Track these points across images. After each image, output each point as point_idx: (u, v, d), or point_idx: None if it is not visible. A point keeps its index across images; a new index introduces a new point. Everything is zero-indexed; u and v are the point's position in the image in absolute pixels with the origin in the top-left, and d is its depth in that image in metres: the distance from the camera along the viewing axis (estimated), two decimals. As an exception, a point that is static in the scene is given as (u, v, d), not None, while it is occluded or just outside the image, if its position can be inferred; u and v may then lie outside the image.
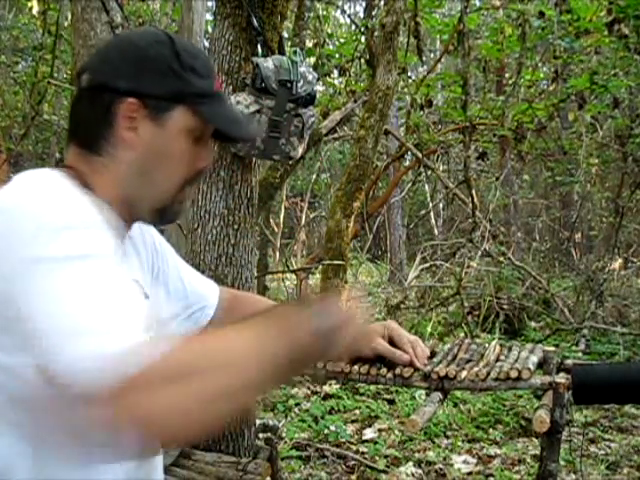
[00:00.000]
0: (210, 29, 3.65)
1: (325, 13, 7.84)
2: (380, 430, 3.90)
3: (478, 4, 7.39)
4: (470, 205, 4.87)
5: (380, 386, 3.82)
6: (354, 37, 6.36)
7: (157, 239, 1.22)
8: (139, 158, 1.03)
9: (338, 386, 4.26)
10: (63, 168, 1.02)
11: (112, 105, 1.01)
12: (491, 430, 3.92)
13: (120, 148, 1.02)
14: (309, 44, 5.98)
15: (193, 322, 1.25)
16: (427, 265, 7.28)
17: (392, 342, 1.32)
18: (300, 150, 2.26)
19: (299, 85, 2.17)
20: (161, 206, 1.06)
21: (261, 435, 2.52)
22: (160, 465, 1.09)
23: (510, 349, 1.41)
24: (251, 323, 0.84)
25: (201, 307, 1.27)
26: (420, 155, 5.54)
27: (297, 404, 4.02)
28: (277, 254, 8.80)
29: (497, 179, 8.10)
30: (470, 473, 3.35)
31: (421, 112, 5.95)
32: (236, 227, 2.28)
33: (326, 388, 4.26)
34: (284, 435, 3.69)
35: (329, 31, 7.65)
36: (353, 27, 7.19)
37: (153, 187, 1.05)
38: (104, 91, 1.01)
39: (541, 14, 5.13)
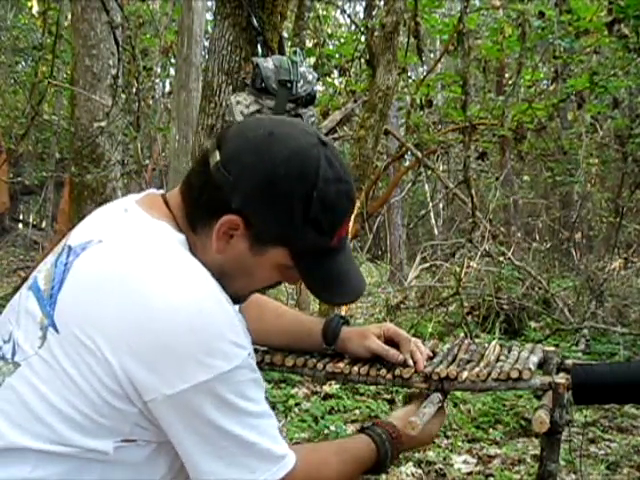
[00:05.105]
0: (210, 29, 3.65)
1: (325, 13, 7.86)
2: (380, 430, 3.88)
3: (478, 4, 7.40)
4: (470, 205, 4.87)
5: (380, 386, 3.82)
6: (354, 37, 6.36)
7: None
8: (223, 262, 1.01)
9: (338, 386, 4.26)
10: (174, 222, 1.02)
11: (219, 211, 0.98)
12: (491, 430, 3.91)
13: (210, 245, 1.01)
14: (309, 44, 5.98)
15: None
16: (427, 265, 7.27)
17: (392, 343, 1.31)
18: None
19: (299, 85, 2.17)
20: (238, 296, 1.07)
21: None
22: None
23: (510, 349, 1.41)
24: (363, 449, 1.21)
25: None
26: (420, 155, 5.53)
27: (297, 404, 4.01)
28: (277, 254, 8.79)
29: (497, 179, 8.09)
30: (470, 473, 3.35)
31: (421, 112, 5.95)
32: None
33: (326, 388, 4.26)
34: (284, 435, 3.69)
35: (329, 31, 7.66)
36: (353, 27, 7.19)
37: (231, 285, 1.03)
38: (220, 190, 0.97)
39: (541, 14, 5.13)
